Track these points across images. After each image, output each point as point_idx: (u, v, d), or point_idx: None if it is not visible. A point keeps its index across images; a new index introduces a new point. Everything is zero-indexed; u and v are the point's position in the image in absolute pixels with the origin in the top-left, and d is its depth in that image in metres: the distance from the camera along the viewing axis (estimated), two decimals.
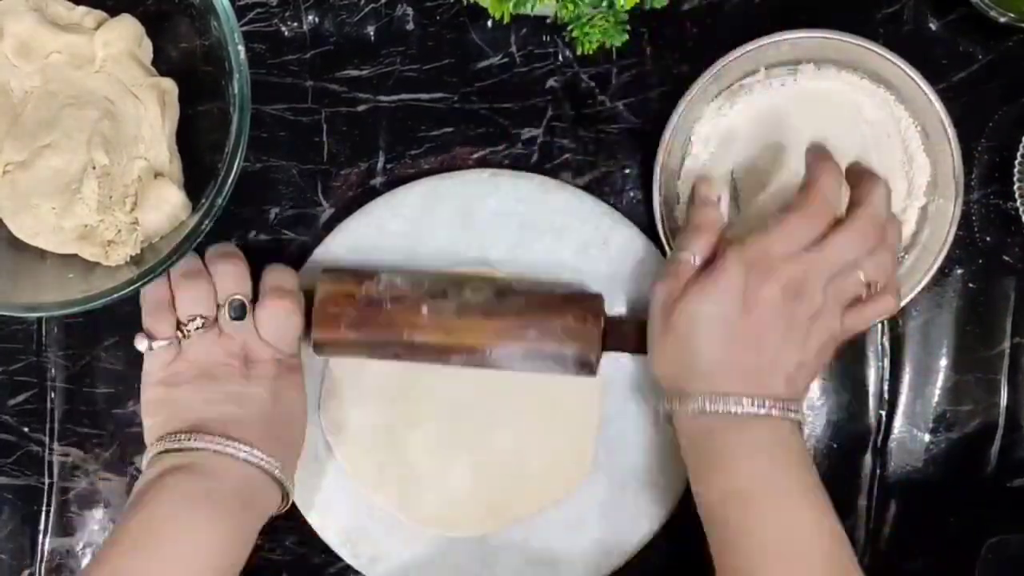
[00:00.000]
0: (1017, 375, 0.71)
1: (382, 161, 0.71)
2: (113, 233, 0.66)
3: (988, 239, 0.71)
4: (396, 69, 0.70)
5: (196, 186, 0.67)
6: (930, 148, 0.67)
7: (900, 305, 0.63)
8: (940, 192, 0.67)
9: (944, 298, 0.71)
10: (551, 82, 0.70)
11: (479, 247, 0.69)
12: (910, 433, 0.71)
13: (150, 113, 0.67)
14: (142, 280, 0.63)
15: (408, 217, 0.69)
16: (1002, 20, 0.66)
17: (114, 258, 0.66)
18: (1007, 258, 0.71)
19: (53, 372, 0.71)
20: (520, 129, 0.70)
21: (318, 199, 0.71)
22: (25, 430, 0.71)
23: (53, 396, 0.71)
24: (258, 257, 0.70)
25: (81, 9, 0.68)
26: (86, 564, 0.71)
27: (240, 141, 0.63)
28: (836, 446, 0.71)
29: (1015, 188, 0.68)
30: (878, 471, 0.71)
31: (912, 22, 0.70)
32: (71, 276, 0.66)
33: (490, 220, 0.69)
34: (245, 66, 0.63)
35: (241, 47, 0.63)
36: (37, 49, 0.66)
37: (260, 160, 0.70)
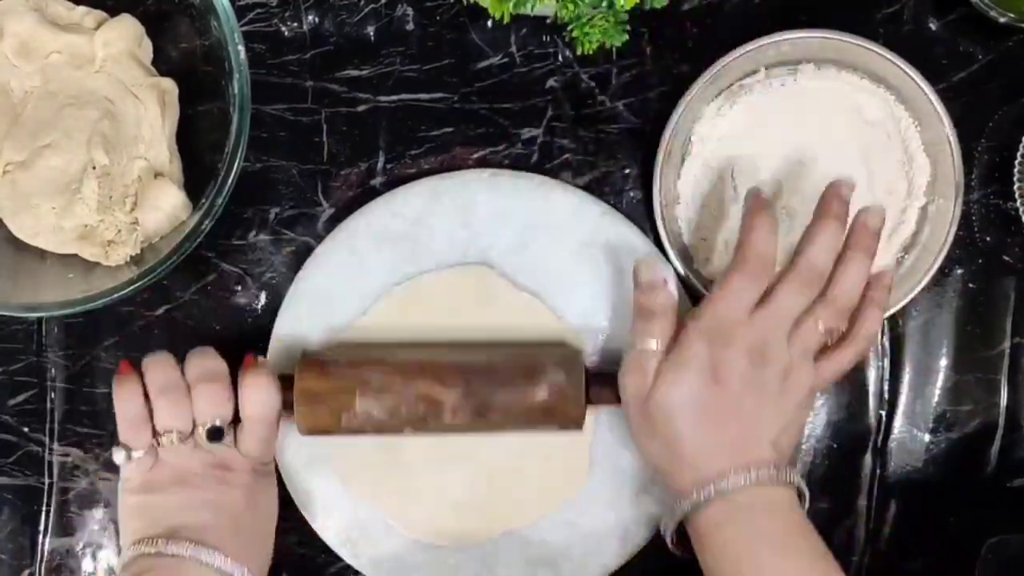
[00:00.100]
0: (1017, 375, 0.71)
1: (382, 161, 0.71)
2: (113, 233, 0.66)
3: (988, 239, 0.71)
4: (396, 69, 0.70)
5: (196, 186, 0.67)
6: (930, 148, 0.67)
7: (869, 346, 0.62)
8: (940, 192, 0.67)
9: (944, 298, 0.71)
10: (551, 82, 0.70)
11: (479, 247, 0.69)
12: (910, 433, 0.71)
13: (150, 113, 0.67)
14: (142, 280, 0.63)
15: (408, 217, 0.69)
16: (1002, 20, 0.66)
17: (114, 258, 0.66)
18: (1007, 258, 0.71)
19: (53, 372, 0.71)
20: (520, 129, 0.70)
21: (318, 199, 0.71)
22: (25, 430, 0.71)
23: (53, 396, 0.71)
24: (258, 257, 0.70)
25: (81, 9, 0.68)
26: None
27: (240, 141, 0.63)
28: (836, 446, 0.71)
29: (1015, 188, 0.68)
30: (878, 471, 0.71)
31: (912, 22, 0.70)
32: (71, 276, 0.66)
33: (490, 220, 0.69)
34: (245, 66, 0.63)
35: (241, 47, 0.63)
36: (37, 49, 0.66)
37: (260, 160, 0.70)
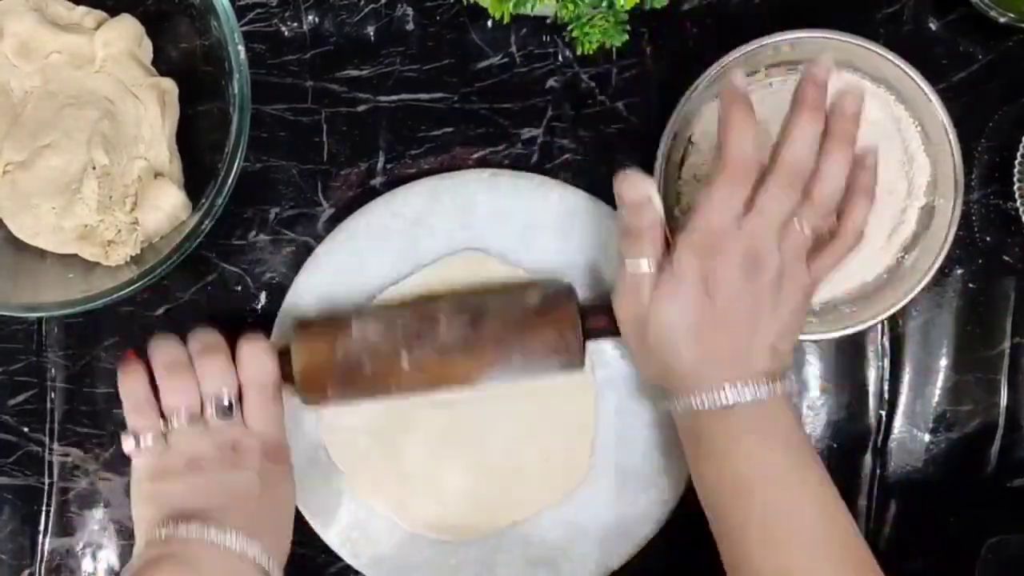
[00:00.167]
0: (1017, 375, 0.71)
1: (382, 161, 0.71)
2: (113, 233, 0.66)
3: (988, 239, 0.71)
4: (396, 69, 0.70)
5: (196, 186, 0.67)
6: (930, 148, 0.67)
7: (860, 239, 0.62)
8: (940, 192, 0.67)
9: (944, 298, 0.71)
10: (551, 82, 0.70)
11: (479, 247, 0.69)
12: (910, 433, 0.71)
13: (150, 113, 0.67)
14: (142, 280, 0.63)
15: (408, 217, 0.69)
16: (1002, 20, 0.66)
17: (114, 258, 0.66)
18: (1007, 258, 0.71)
19: (53, 372, 0.71)
20: (520, 129, 0.70)
21: (318, 199, 0.71)
22: (25, 430, 0.71)
23: (53, 396, 0.71)
24: (258, 257, 0.70)
25: (81, 9, 0.68)
26: None
27: (240, 141, 0.63)
28: (836, 446, 0.71)
29: (1015, 188, 0.68)
30: (878, 471, 0.71)
31: (912, 22, 0.70)
32: (71, 276, 0.66)
33: (490, 220, 0.69)
34: (245, 66, 0.63)
35: (241, 47, 0.63)
36: (37, 49, 0.66)
37: (260, 160, 0.70)
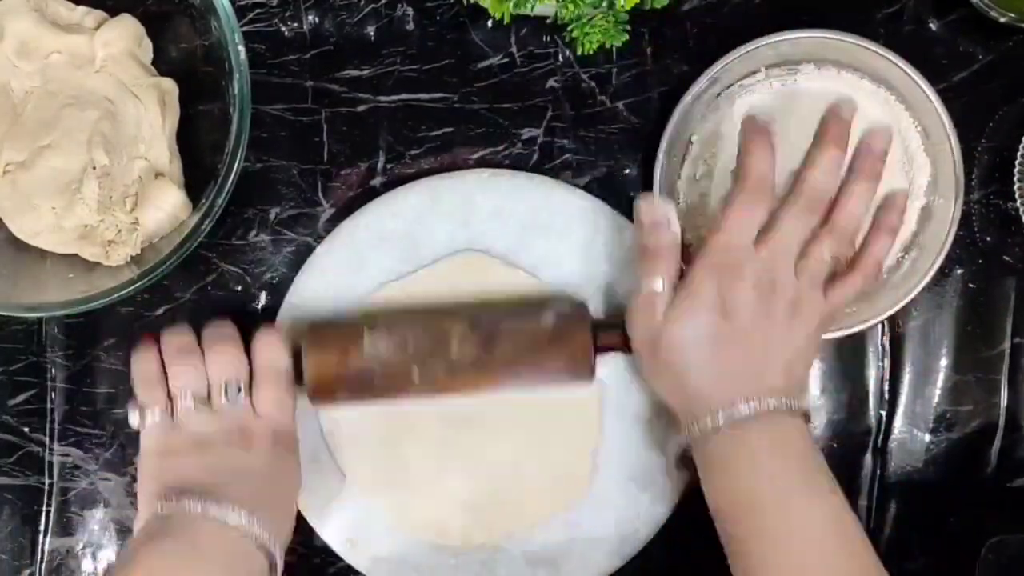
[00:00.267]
0: (1017, 375, 0.71)
1: (382, 161, 0.71)
2: (113, 233, 0.66)
3: (988, 239, 0.71)
4: (396, 69, 0.70)
5: (196, 186, 0.67)
6: (930, 148, 0.67)
7: (880, 271, 0.63)
8: (940, 192, 0.67)
9: (944, 298, 0.71)
10: (551, 82, 0.70)
11: (479, 247, 0.69)
12: (910, 433, 0.71)
13: (150, 113, 0.67)
14: (142, 280, 0.63)
15: (408, 217, 0.69)
16: (1002, 20, 0.66)
17: (114, 258, 0.66)
18: (1007, 258, 0.71)
19: (53, 372, 0.71)
20: (520, 129, 0.70)
21: (318, 199, 0.71)
22: (25, 430, 0.71)
23: (53, 396, 0.71)
24: (258, 257, 0.70)
25: (81, 9, 0.68)
26: None
27: (240, 141, 0.63)
28: (836, 446, 0.71)
29: (1015, 188, 0.68)
30: (878, 471, 0.71)
31: (912, 22, 0.70)
32: (71, 276, 0.66)
33: (490, 220, 0.69)
34: (245, 66, 0.63)
35: (241, 47, 0.63)
36: (37, 49, 0.66)
37: (260, 160, 0.70)
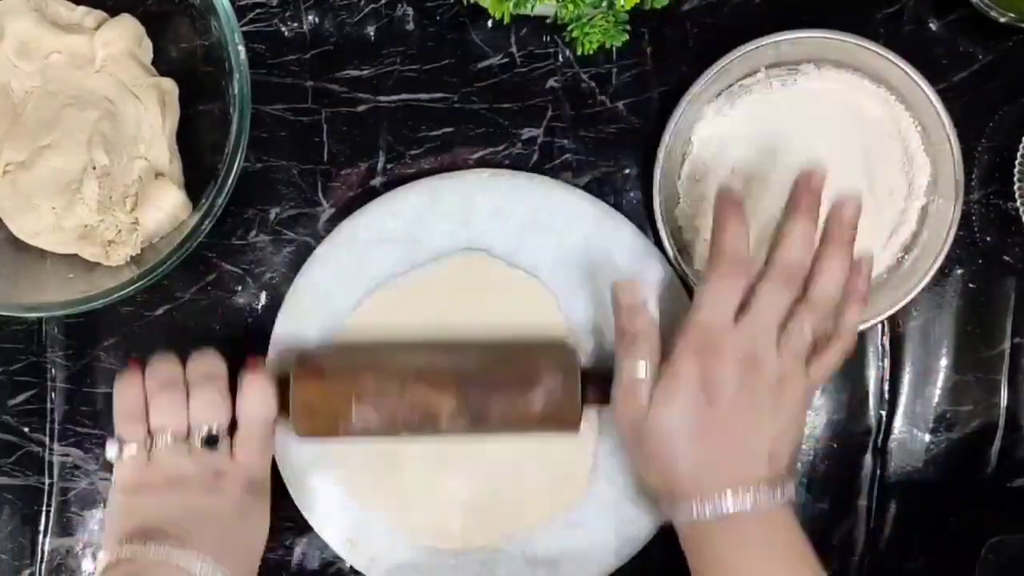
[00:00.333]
0: (1017, 375, 0.71)
1: (382, 161, 0.71)
2: (113, 233, 0.66)
3: (988, 239, 0.71)
4: (396, 69, 0.70)
5: (196, 186, 0.67)
6: (930, 148, 0.67)
7: (855, 341, 0.62)
8: (940, 192, 0.67)
9: (944, 298, 0.71)
10: (551, 82, 0.70)
11: (479, 247, 0.69)
12: (910, 433, 0.71)
13: (150, 113, 0.67)
14: (142, 280, 0.63)
15: (408, 217, 0.69)
16: (1002, 20, 0.66)
17: (114, 258, 0.66)
18: (1007, 258, 0.71)
19: (53, 372, 0.71)
20: (520, 129, 0.70)
21: (318, 199, 0.71)
22: (25, 430, 0.71)
23: (53, 396, 0.71)
24: (258, 257, 0.70)
25: (81, 9, 0.68)
26: None
27: (240, 141, 0.63)
28: (836, 446, 0.71)
29: (1015, 188, 0.68)
30: (878, 471, 0.71)
31: (912, 22, 0.70)
32: (71, 276, 0.66)
33: (490, 220, 0.69)
34: (245, 66, 0.63)
35: (241, 47, 0.63)
36: (37, 49, 0.66)
37: (260, 160, 0.70)
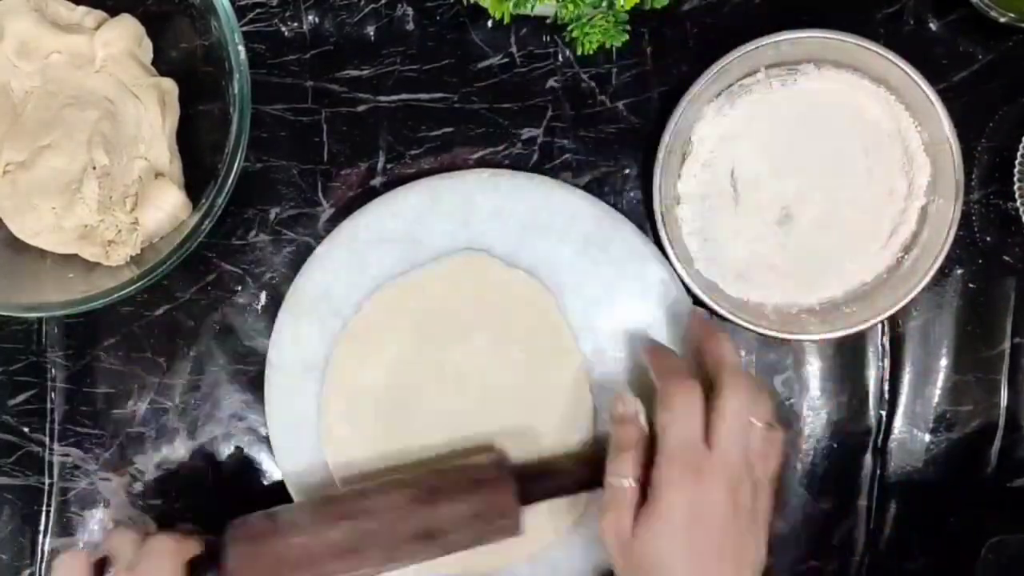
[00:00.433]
0: (1017, 375, 0.71)
1: (382, 161, 0.71)
2: (113, 233, 0.66)
3: (988, 239, 0.71)
4: (396, 69, 0.70)
5: (196, 186, 0.67)
6: (930, 148, 0.67)
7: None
8: (940, 192, 0.67)
9: (944, 298, 0.71)
10: (551, 82, 0.70)
11: (479, 247, 0.69)
12: (910, 433, 0.71)
13: (150, 113, 0.67)
14: (142, 280, 0.63)
15: (408, 217, 0.69)
16: (1002, 20, 0.66)
17: (114, 258, 0.66)
18: (1007, 258, 0.71)
19: (53, 372, 0.71)
20: (520, 129, 0.70)
21: (318, 199, 0.71)
22: (25, 430, 0.71)
23: (53, 396, 0.71)
24: (258, 257, 0.70)
25: (81, 9, 0.68)
26: None
27: (240, 141, 0.63)
28: (836, 446, 0.71)
29: (1015, 188, 0.68)
30: (878, 471, 0.71)
31: (912, 22, 0.70)
32: (71, 276, 0.66)
33: (490, 220, 0.69)
34: (245, 66, 0.63)
35: (241, 47, 0.63)
36: (37, 49, 0.66)
37: (260, 160, 0.70)
